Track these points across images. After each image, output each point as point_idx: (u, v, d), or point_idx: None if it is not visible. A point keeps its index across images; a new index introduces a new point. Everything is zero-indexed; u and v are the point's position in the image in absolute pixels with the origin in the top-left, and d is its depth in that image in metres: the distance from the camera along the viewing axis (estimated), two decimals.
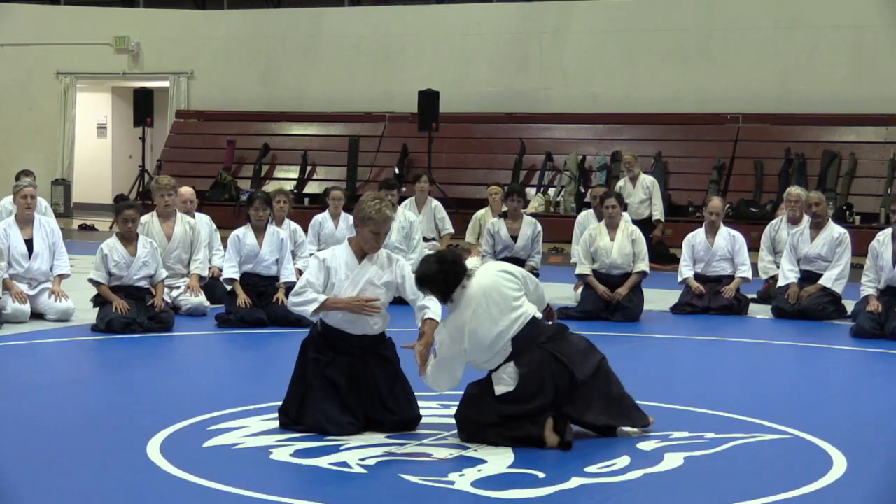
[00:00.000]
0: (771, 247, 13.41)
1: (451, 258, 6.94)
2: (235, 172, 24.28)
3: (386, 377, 7.07)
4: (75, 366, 9.79)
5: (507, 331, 6.77)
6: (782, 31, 21.97)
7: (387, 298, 7.17)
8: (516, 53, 23.62)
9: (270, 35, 25.48)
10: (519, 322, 6.81)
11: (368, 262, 7.16)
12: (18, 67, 26.83)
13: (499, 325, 6.77)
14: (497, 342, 6.76)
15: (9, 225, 11.44)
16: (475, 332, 6.74)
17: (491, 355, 6.79)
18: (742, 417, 7.46)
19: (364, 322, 7.08)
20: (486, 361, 6.84)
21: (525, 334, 6.82)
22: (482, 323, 6.75)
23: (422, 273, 6.85)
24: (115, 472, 6.13)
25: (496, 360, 6.80)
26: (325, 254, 7.25)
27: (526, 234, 13.39)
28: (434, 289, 6.84)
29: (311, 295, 6.97)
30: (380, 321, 7.14)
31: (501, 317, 6.78)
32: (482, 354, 6.80)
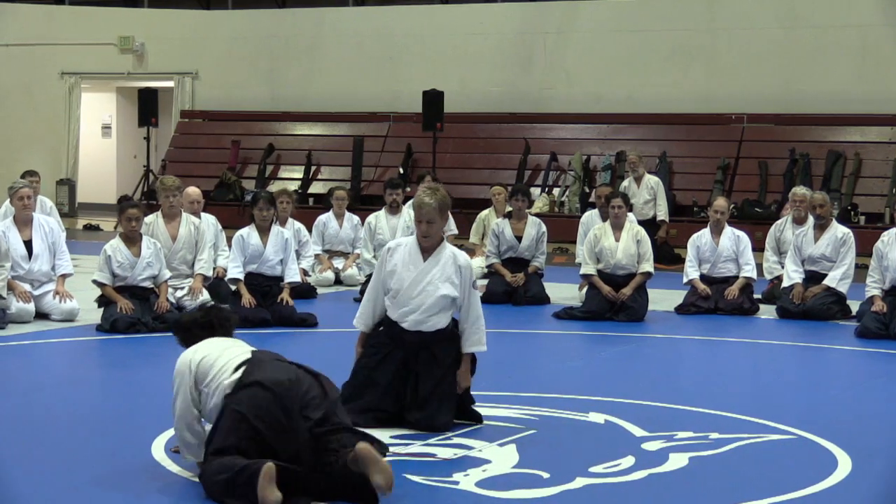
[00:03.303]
0: (776, 247, 13.40)
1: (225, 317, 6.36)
2: (240, 172, 24.27)
3: (428, 378, 7.06)
4: (80, 366, 9.80)
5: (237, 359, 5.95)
6: (786, 31, 21.95)
7: (455, 296, 7.11)
8: (520, 53, 23.61)
9: (275, 35, 25.48)
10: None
11: (433, 261, 7.13)
12: (23, 67, 26.84)
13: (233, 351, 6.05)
14: (227, 364, 5.92)
15: (7, 227, 11.39)
16: (208, 355, 6.00)
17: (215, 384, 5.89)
18: (747, 418, 7.45)
19: (421, 321, 7.08)
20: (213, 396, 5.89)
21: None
22: (218, 348, 6.06)
23: (179, 321, 6.41)
24: (120, 471, 6.13)
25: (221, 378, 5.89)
26: (393, 242, 7.32)
27: (530, 234, 13.40)
28: (195, 336, 6.22)
29: None
30: (436, 320, 7.10)
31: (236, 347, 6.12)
32: (207, 373, 5.95)
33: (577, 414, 7.49)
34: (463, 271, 7.11)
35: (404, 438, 6.78)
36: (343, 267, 14.59)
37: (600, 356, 10.50)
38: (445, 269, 7.11)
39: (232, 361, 5.90)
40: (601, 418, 7.37)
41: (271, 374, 5.76)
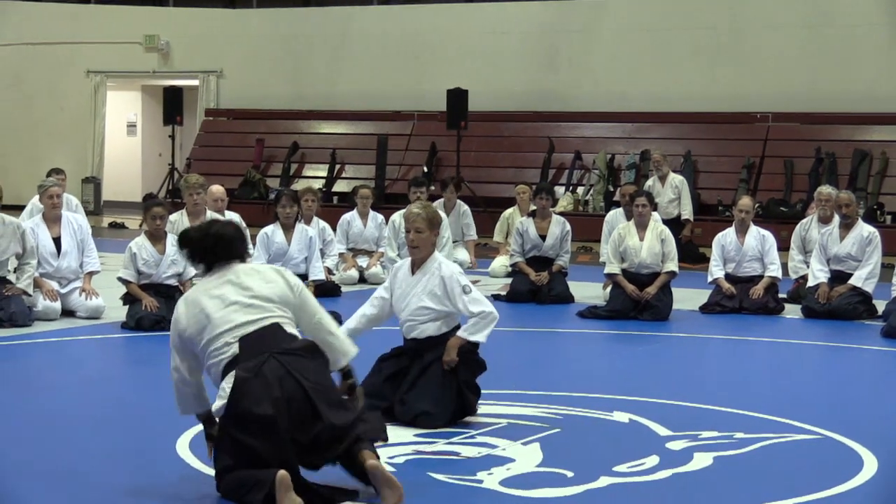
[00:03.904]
0: (801, 246, 13.34)
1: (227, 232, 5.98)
2: (264, 171, 24.32)
3: (416, 372, 7.19)
4: (105, 363, 9.84)
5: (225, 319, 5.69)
6: (812, 29, 21.86)
7: (439, 309, 7.26)
8: (545, 52, 23.58)
9: (300, 34, 25.52)
10: (255, 321, 5.71)
11: (420, 273, 7.34)
12: (49, 66, 26.96)
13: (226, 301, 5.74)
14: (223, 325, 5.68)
15: (36, 224, 11.48)
16: (195, 302, 5.81)
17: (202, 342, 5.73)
18: (772, 417, 7.43)
19: (412, 327, 7.29)
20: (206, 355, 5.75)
21: (261, 335, 5.67)
22: (212, 299, 5.77)
23: (182, 236, 6.04)
24: (145, 468, 6.15)
25: (220, 355, 5.68)
26: (399, 262, 7.62)
27: (555, 233, 13.38)
28: (192, 258, 5.98)
29: None
30: (423, 328, 7.26)
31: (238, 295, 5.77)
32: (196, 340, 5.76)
33: (601, 413, 7.47)
34: (446, 282, 7.25)
35: (429, 437, 6.78)
36: (367, 265, 14.60)
37: (624, 355, 10.48)
38: (430, 282, 7.28)
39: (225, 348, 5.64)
40: (625, 417, 7.36)
41: (254, 405, 5.42)
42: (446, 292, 7.23)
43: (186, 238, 5.98)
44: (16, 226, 11.01)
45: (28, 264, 10.99)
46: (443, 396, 7.10)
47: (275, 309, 5.78)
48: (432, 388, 7.11)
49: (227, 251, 5.90)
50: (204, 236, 5.91)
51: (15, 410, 7.57)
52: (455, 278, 7.26)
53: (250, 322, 5.68)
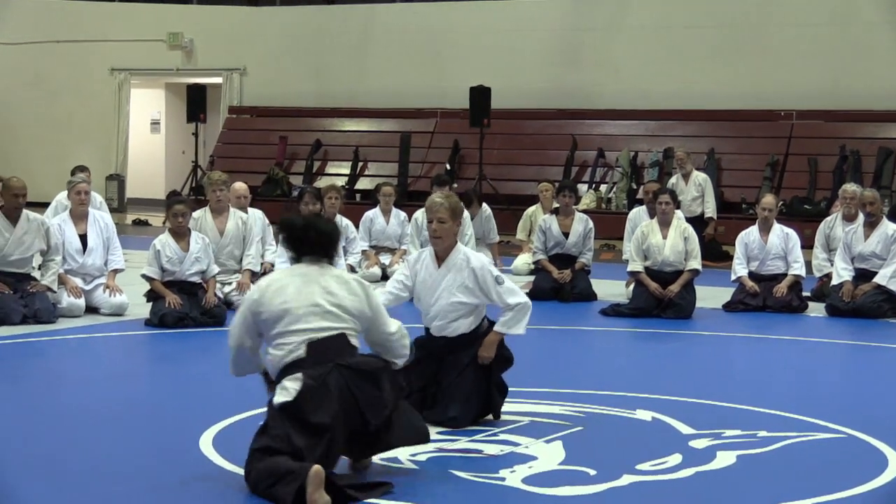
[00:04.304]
0: (825, 244, 13.29)
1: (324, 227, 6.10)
2: (287, 168, 24.37)
3: (445, 376, 7.10)
4: (129, 360, 9.88)
5: (311, 317, 5.84)
6: (837, 27, 21.78)
7: (473, 302, 7.15)
8: (568, 49, 23.56)
9: (323, 31, 25.55)
10: (327, 327, 5.87)
11: (445, 267, 7.19)
12: (74, 64, 27.07)
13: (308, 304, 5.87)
14: (297, 315, 5.82)
15: (63, 220, 11.55)
16: (280, 290, 5.91)
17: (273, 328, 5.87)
18: (795, 416, 7.41)
19: (443, 327, 7.15)
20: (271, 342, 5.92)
21: (328, 343, 5.84)
22: (297, 287, 5.90)
23: (287, 221, 6.16)
24: (168, 465, 6.17)
25: (282, 349, 5.85)
26: (416, 253, 7.39)
27: (577, 230, 13.37)
28: (288, 243, 6.09)
29: None
30: (456, 325, 7.14)
31: (320, 299, 5.88)
32: (268, 323, 5.89)
33: (624, 411, 7.46)
34: (477, 273, 7.12)
35: (451, 434, 6.78)
36: (390, 263, 14.61)
37: (647, 353, 10.46)
38: (459, 274, 7.14)
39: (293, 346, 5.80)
40: (648, 415, 7.35)
41: (313, 413, 5.62)
42: (478, 284, 7.10)
43: (290, 224, 6.09)
44: (40, 223, 11.07)
45: (52, 261, 11.04)
46: (472, 400, 7.07)
47: (349, 321, 5.94)
48: (465, 391, 7.05)
49: (324, 248, 6.04)
50: (307, 227, 6.04)
51: (39, 406, 7.61)
52: (487, 269, 7.14)
53: (323, 329, 5.84)
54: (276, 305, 5.86)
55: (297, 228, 6.04)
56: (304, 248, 6.03)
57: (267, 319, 5.88)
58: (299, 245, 6.03)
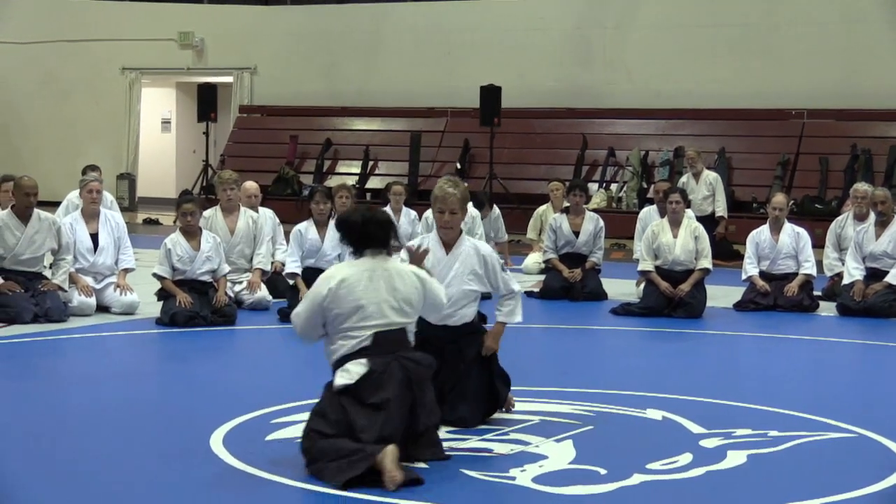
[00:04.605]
0: (836, 244, 13.27)
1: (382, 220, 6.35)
2: (298, 167, 24.38)
3: (450, 373, 7.07)
4: (139, 358, 9.89)
5: (378, 313, 6.13)
6: (848, 25, 21.73)
7: (480, 290, 7.19)
8: (579, 48, 23.54)
9: (333, 30, 25.57)
10: (393, 322, 6.17)
11: (453, 255, 7.18)
12: (85, 63, 27.13)
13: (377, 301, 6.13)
14: (366, 310, 6.10)
15: (75, 219, 11.57)
16: (351, 289, 6.13)
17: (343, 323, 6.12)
18: (806, 415, 7.39)
19: (450, 315, 7.09)
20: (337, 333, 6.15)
21: (392, 337, 6.17)
22: (363, 283, 6.15)
23: (345, 219, 6.37)
24: (179, 464, 6.18)
25: (350, 341, 6.11)
26: (416, 240, 7.31)
27: (588, 229, 13.36)
28: (349, 239, 6.32)
29: None
30: (462, 313, 7.13)
31: (388, 297, 6.17)
32: (339, 318, 6.13)
33: (634, 410, 7.46)
34: (487, 260, 7.20)
35: (461, 433, 6.78)
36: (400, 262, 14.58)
37: (658, 352, 10.46)
38: (468, 262, 7.16)
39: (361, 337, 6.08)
40: (659, 415, 7.34)
41: (374, 395, 5.95)
42: (487, 271, 7.16)
43: (350, 221, 6.27)
44: (51, 222, 11.09)
45: (63, 260, 11.06)
46: (480, 398, 7.07)
47: (412, 314, 6.29)
48: (473, 390, 7.06)
49: (384, 240, 6.28)
50: (366, 222, 6.24)
51: (49, 405, 7.63)
52: (495, 256, 7.30)
53: (389, 322, 6.14)
54: (347, 304, 6.10)
55: (356, 225, 6.25)
56: (366, 242, 6.25)
57: (338, 315, 6.12)
58: (361, 240, 6.25)
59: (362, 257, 6.26)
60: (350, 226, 6.27)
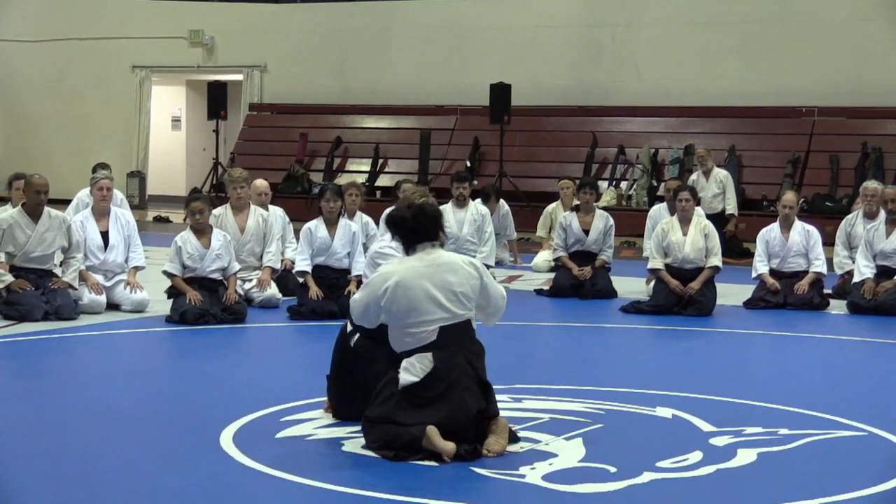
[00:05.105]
0: (846, 242, 13.25)
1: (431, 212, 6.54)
2: (308, 165, 24.40)
3: None
4: (149, 356, 9.90)
5: (438, 306, 6.29)
6: (858, 23, 21.69)
7: None
8: (589, 46, 23.53)
9: (343, 28, 25.58)
10: (456, 314, 6.34)
11: None
12: (95, 61, 27.17)
13: (434, 297, 6.29)
14: (425, 306, 6.27)
15: (85, 217, 11.59)
16: (407, 289, 6.29)
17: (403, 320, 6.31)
18: (817, 414, 7.38)
19: None
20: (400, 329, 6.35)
21: (457, 329, 6.35)
22: (418, 279, 6.31)
23: (395, 214, 6.58)
24: (189, 462, 6.19)
25: (415, 337, 6.31)
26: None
27: (598, 227, 13.35)
28: (401, 235, 6.51)
29: None
30: None
31: (443, 288, 6.32)
32: (398, 316, 6.33)
33: (644, 408, 7.45)
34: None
35: None
36: None
37: (668, 351, 10.45)
38: None
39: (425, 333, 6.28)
40: (668, 413, 7.33)
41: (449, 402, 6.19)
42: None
43: (401, 217, 6.46)
44: (62, 220, 11.11)
45: (74, 258, 11.08)
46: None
47: (470, 306, 6.40)
48: None
49: (435, 232, 6.45)
50: (417, 215, 6.43)
51: (60, 403, 7.64)
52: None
53: (452, 316, 6.31)
54: (404, 303, 6.28)
55: (408, 220, 6.43)
56: (418, 236, 6.41)
57: (397, 313, 6.31)
58: (413, 234, 6.42)
59: (415, 253, 6.41)
60: (400, 220, 6.44)
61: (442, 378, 6.21)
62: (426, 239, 6.43)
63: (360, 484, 5.74)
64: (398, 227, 6.48)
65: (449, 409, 6.17)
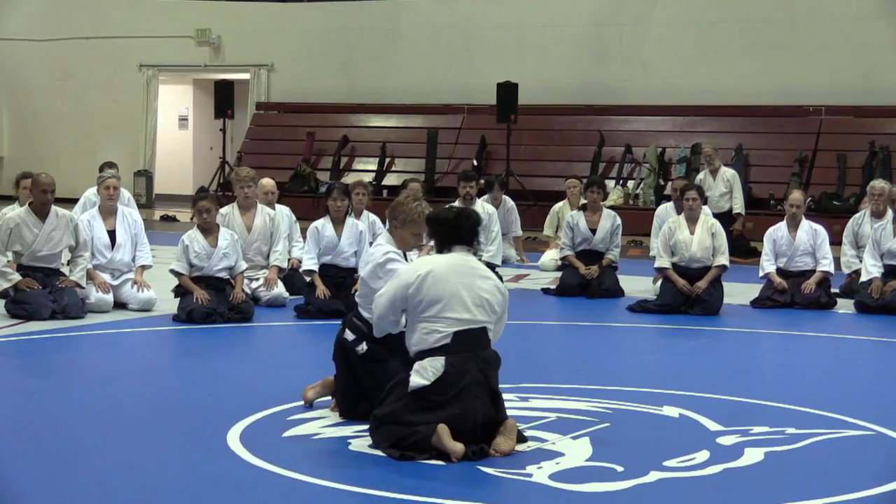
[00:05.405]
0: (854, 241, 13.24)
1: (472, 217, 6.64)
2: (315, 164, 24.40)
3: None
4: (157, 355, 9.92)
5: (461, 307, 6.34)
6: (866, 22, 21.65)
7: None
8: (596, 45, 23.50)
9: (350, 27, 25.58)
10: (474, 319, 6.38)
11: None
12: (102, 60, 27.19)
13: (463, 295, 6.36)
14: (450, 302, 6.32)
15: (92, 216, 11.60)
16: (437, 281, 6.36)
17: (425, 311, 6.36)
18: (824, 413, 7.38)
19: None
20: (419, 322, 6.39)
21: (472, 335, 6.38)
22: (450, 276, 6.38)
23: (439, 215, 6.67)
24: (196, 460, 6.19)
25: (431, 335, 6.34)
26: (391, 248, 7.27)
27: (605, 226, 13.34)
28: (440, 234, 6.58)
29: None
30: None
31: (470, 291, 6.38)
32: (420, 306, 6.37)
33: (651, 407, 7.45)
34: None
35: None
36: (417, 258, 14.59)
37: (675, 350, 10.44)
38: None
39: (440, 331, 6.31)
40: (675, 412, 7.33)
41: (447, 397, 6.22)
42: None
43: (443, 218, 6.58)
44: (69, 218, 11.12)
45: (81, 257, 11.09)
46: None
47: (491, 316, 6.46)
48: None
49: (473, 237, 6.58)
50: (458, 217, 6.56)
51: (67, 401, 7.64)
52: None
53: (471, 320, 6.36)
54: (431, 293, 6.33)
55: (449, 221, 6.55)
56: (456, 238, 6.52)
57: (420, 303, 6.34)
58: (451, 236, 6.52)
59: (450, 252, 6.50)
60: (442, 222, 6.56)
61: (452, 384, 6.22)
62: (463, 243, 6.53)
63: (367, 483, 5.74)
64: (439, 226, 6.58)
65: (454, 413, 6.17)
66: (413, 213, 7.16)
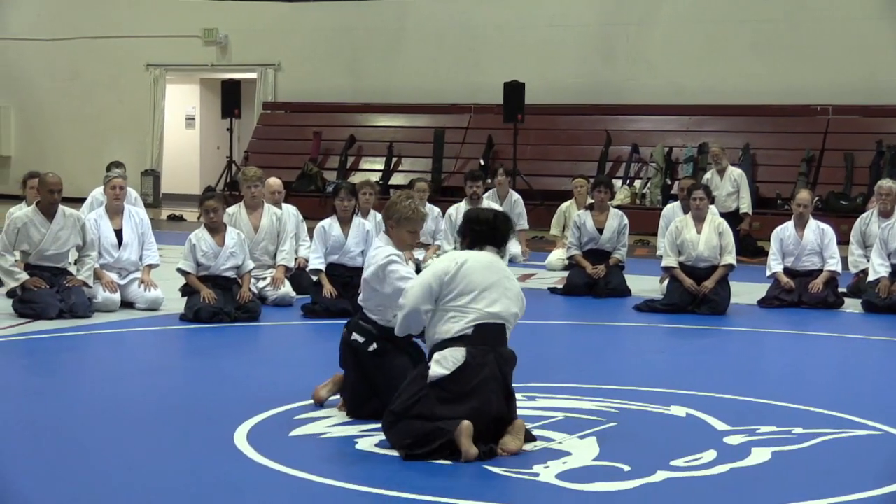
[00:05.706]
0: (861, 240, 13.22)
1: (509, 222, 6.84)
2: (321, 164, 24.40)
3: None
4: (163, 354, 9.92)
5: (489, 302, 6.45)
6: (873, 21, 21.62)
7: None
8: (602, 44, 23.49)
9: (357, 27, 25.58)
10: (499, 315, 6.48)
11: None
12: (109, 60, 27.21)
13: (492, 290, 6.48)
14: (481, 294, 6.44)
15: (99, 215, 11.61)
16: (473, 270, 6.48)
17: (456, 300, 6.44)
18: (831, 413, 7.37)
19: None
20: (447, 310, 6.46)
21: (493, 330, 6.47)
22: (484, 270, 6.51)
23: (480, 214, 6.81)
24: (203, 460, 6.20)
25: (457, 323, 6.43)
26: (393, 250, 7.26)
27: (612, 226, 13.34)
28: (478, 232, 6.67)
29: None
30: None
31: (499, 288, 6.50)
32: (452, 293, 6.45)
33: (658, 407, 7.45)
34: None
35: None
36: (424, 258, 14.59)
37: (682, 349, 10.43)
38: None
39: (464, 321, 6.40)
40: (682, 412, 7.33)
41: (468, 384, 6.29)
42: None
43: (483, 217, 6.71)
44: (76, 218, 11.13)
45: (88, 256, 11.10)
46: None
47: (513, 317, 6.55)
48: None
49: (506, 239, 6.75)
50: (496, 218, 6.73)
51: (74, 401, 7.66)
52: None
53: (496, 315, 6.45)
54: (465, 283, 6.43)
55: (489, 221, 6.68)
56: (490, 238, 6.65)
57: (452, 290, 6.43)
58: (487, 236, 6.64)
59: (482, 251, 6.61)
60: (483, 221, 6.67)
61: (471, 375, 6.27)
62: (495, 244, 6.65)
63: (375, 482, 5.74)
64: (478, 225, 6.66)
65: (474, 407, 6.21)
66: (407, 210, 7.19)
